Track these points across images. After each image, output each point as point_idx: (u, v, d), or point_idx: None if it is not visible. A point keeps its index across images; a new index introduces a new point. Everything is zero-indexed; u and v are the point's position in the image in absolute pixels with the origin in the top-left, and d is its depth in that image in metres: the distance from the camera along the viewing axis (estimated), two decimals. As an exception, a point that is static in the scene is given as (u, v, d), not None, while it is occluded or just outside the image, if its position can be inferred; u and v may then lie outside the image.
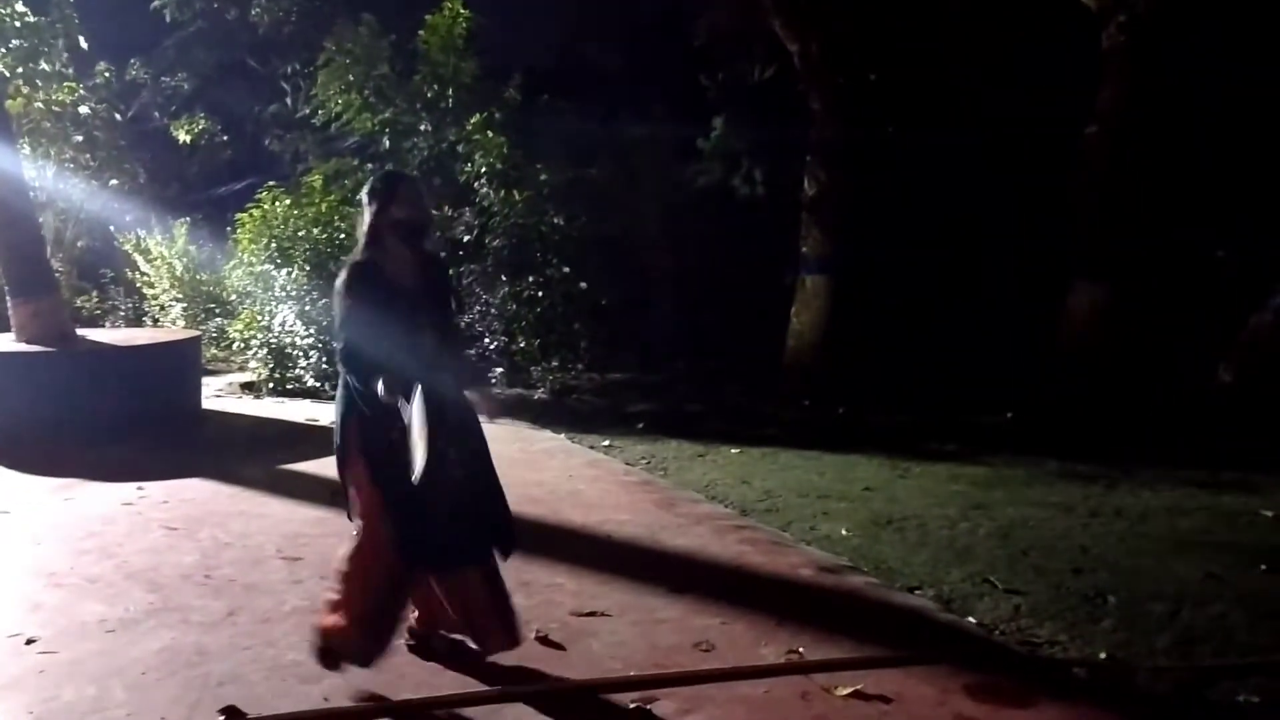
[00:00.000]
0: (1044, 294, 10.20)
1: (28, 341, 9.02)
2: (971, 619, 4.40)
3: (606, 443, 8.14)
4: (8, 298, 9.47)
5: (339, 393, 3.80)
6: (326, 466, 7.01)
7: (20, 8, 13.25)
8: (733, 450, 7.79)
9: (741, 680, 3.77)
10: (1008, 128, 11.17)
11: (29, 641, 4.18)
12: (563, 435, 8.51)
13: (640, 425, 8.81)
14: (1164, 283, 9.05)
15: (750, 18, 10.70)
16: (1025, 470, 7.02)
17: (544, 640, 4.14)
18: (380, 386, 3.51)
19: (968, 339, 10.39)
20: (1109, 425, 8.22)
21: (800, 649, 4.00)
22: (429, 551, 3.71)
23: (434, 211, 11.05)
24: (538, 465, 7.43)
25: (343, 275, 3.70)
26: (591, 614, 4.42)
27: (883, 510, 6.03)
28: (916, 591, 4.73)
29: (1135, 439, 7.80)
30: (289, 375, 10.75)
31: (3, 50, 12.29)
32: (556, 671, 3.87)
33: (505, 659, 3.92)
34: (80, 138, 14.17)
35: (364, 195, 3.84)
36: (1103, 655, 3.98)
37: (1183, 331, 9.10)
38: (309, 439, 8.41)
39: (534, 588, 4.75)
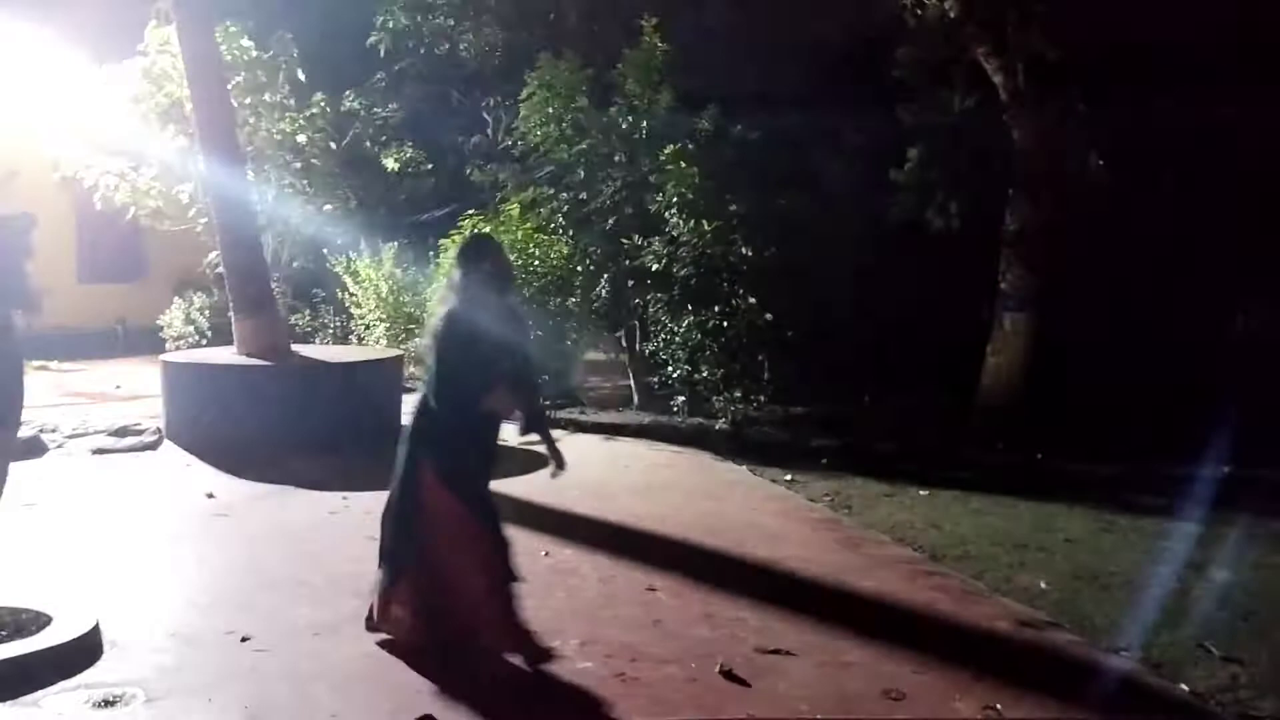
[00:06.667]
0: (1269, 338, 9.51)
1: (249, 355, 9.65)
2: (1184, 686, 4.12)
3: (789, 477, 8.04)
4: (232, 313, 10.15)
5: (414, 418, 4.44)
6: (515, 485, 7.25)
7: (246, 43, 14.33)
8: (921, 492, 7.55)
9: (935, 734, 3.64)
10: (1230, 161, 10.49)
11: (244, 639, 4.45)
12: (744, 467, 8.46)
13: (824, 461, 8.65)
14: None
15: (953, 46, 10.42)
16: (1244, 529, 6.47)
17: (728, 675, 4.11)
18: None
19: (1180, 384, 9.74)
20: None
21: (998, 705, 3.82)
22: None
23: (622, 241, 11.26)
24: (719, 497, 7.41)
25: (440, 321, 4.32)
26: (776, 651, 4.36)
27: (1086, 564, 5.71)
28: (1123, 653, 4.46)
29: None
30: (480, 395, 11.09)
31: (233, 83, 13.25)
32: (742, 709, 3.83)
33: (687, 690, 3.93)
34: (298, 165, 15.10)
35: (454, 255, 4.45)
36: (1336, 737, 3.66)
37: None
38: (499, 458, 8.65)
39: (717, 620, 4.73)
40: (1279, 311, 9.24)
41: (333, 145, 15.52)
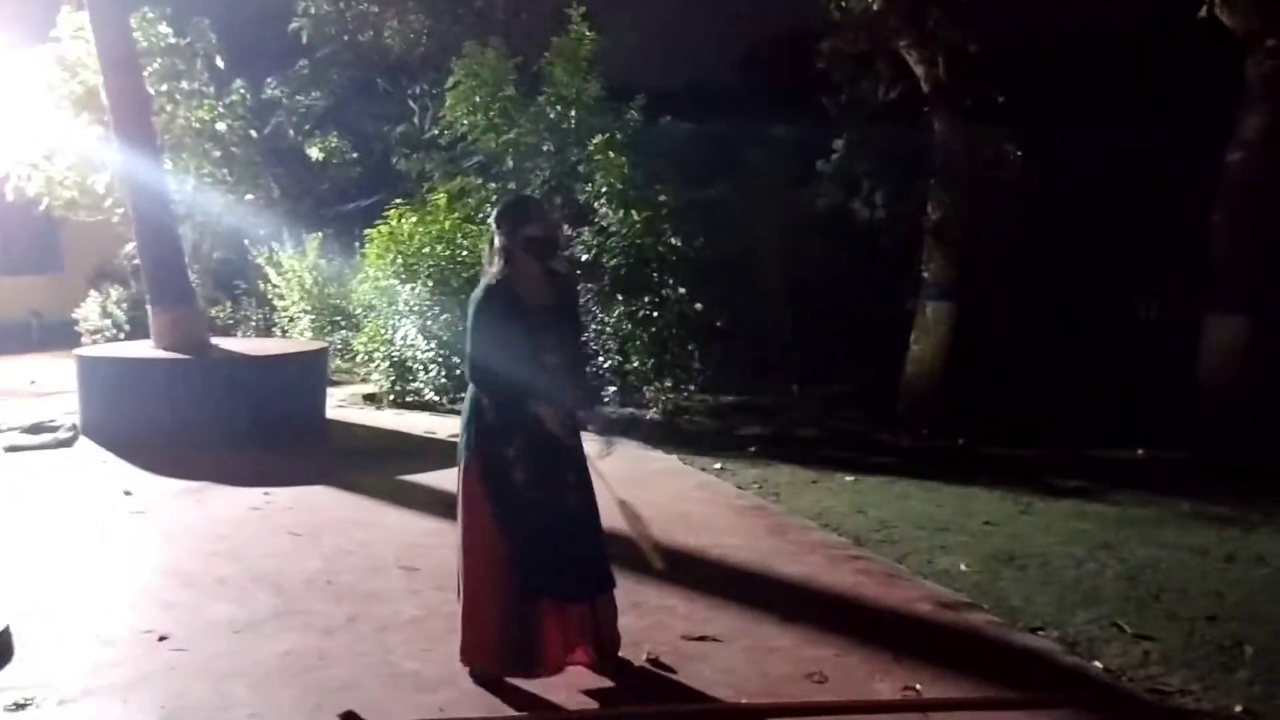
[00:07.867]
0: (1177, 326, 9.82)
1: (166, 348, 9.42)
2: (1098, 663, 4.23)
3: (718, 465, 8.09)
4: (149, 306, 9.91)
5: (465, 405, 3.94)
6: (443, 479, 7.17)
7: (164, 29, 13.98)
8: (847, 478, 7.65)
9: (856, 715, 3.70)
10: (1140, 153, 10.80)
11: (161, 638, 4.36)
12: (674, 456, 8.48)
13: (752, 449, 8.73)
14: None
15: (875, 38, 10.57)
16: (1156, 510, 6.71)
17: (655, 662, 4.12)
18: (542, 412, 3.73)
19: (1095, 370, 10.03)
20: (1247, 466, 7.81)
21: (917, 686, 3.89)
22: (548, 581, 3.81)
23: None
24: (649, 486, 7.40)
25: (478, 293, 3.83)
26: (702, 638, 4.39)
27: (1004, 546, 5.84)
28: (1039, 632, 4.56)
29: (1276, 481, 7.39)
30: (409, 388, 11.00)
31: (149, 70, 12.91)
32: (667, 695, 3.85)
33: (613, 679, 3.94)
34: (218, 154, 14.75)
35: (493, 218, 3.95)
36: (1239, 709, 3.79)
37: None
38: (427, 451, 8.59)
39: (645, 609, 4.74)
40: (1190, 299, 9.53)
41: (254, 134, 15.22)
